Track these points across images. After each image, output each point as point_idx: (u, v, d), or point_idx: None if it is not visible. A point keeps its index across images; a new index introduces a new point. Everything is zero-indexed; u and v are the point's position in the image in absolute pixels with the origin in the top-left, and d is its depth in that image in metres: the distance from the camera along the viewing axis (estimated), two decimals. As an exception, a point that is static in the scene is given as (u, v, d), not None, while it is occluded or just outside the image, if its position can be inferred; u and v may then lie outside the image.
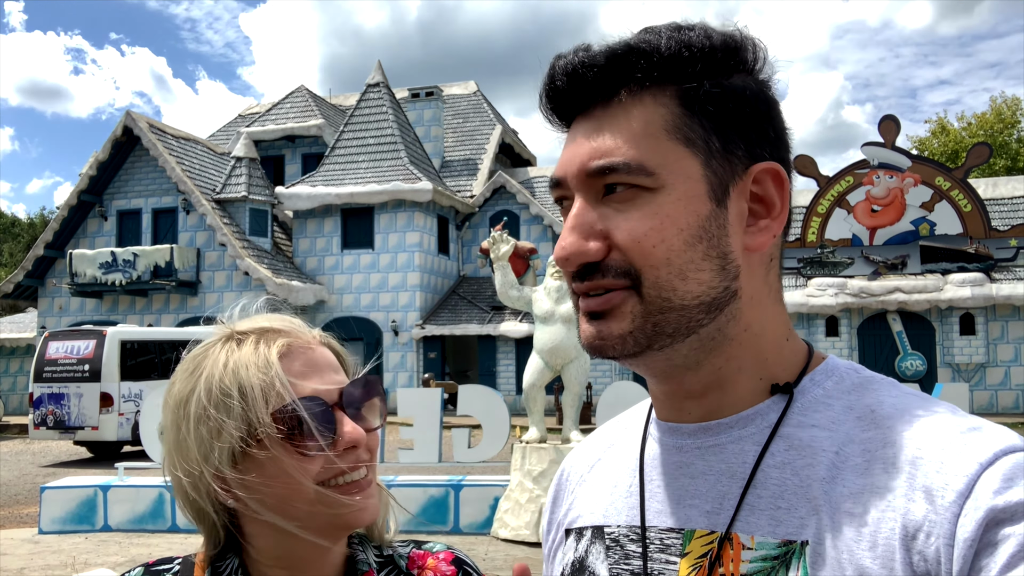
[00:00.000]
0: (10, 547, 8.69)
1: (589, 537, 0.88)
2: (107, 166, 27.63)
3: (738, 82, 0.78)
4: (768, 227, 0.79)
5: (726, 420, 0.80)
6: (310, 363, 0.94)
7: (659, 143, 0.76)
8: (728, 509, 0.77)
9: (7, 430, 24.27)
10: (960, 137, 42.36)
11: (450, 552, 1.08)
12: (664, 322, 0.76)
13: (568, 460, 1.01)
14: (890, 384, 0.79)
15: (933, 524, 0.66)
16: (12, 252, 54.96)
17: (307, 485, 0.90)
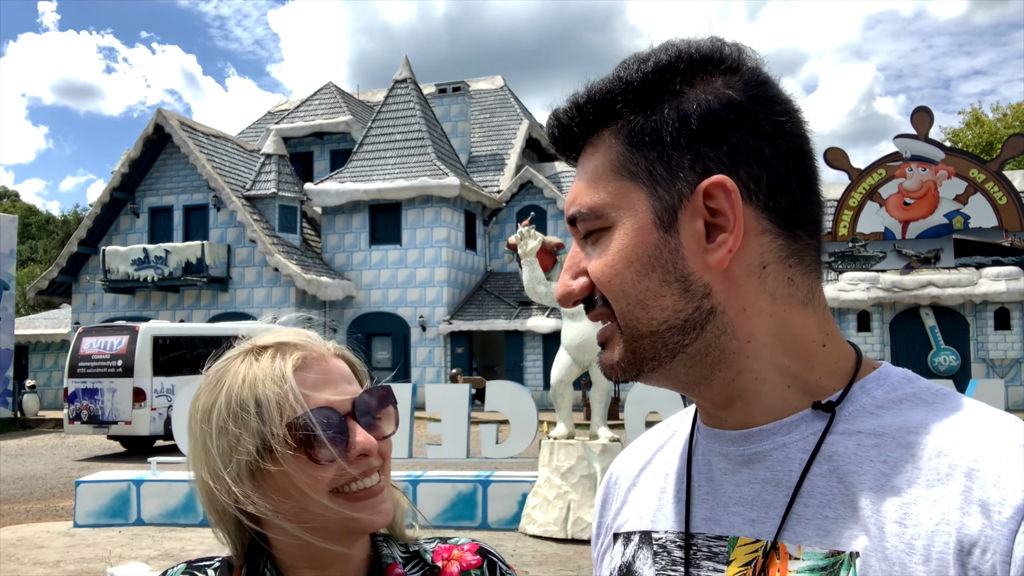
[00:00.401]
0: (47, 540, 8.84)
1: (637, 542, 0.88)
2: (139, 164, 27.98)
3: (685, 102, 0.77)
4: (724, 241, 0.76)
5: (768, 427, 0.79)
6: (324, 375, 0.98)
7: (608, 183, 0.80)
8: (773, 518, 0.76)
9: (43, 424, 24.70)
10: (995, 128, 41.65)
11: (475, 543, 1.12)
12: (641, 348, 0.80)
13: (617, 463, 1.01)
14: (945, 394, 0.77)
15: (989, 540, 0.64)
16: (47, 249, 55.87)
17: (320, 494, 0.95)
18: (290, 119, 33.01)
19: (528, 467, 9.86)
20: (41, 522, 10.17)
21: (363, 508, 0.96)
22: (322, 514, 0.95)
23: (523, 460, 9.65)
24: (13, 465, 15.98)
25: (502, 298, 27.52)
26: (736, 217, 0.76)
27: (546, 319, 25.37)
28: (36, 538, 8.94)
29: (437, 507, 9.03)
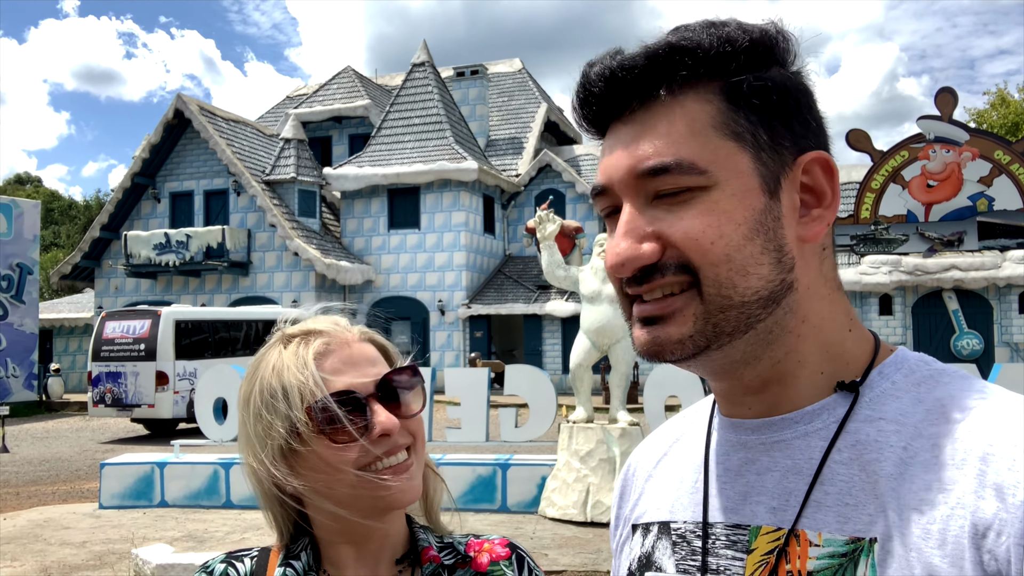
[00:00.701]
0: (73, 521, 8.98)
1: (656, 533, 0.88)
2: (159, 149, 28.13)
3: (776, 75, 0.78)
4: (821, 216, 0.79)
5: (791, 415, 0.79)
6: (347, 359, 1.03)
7: (708, 140, 0.75)
8: (794, 506, 0.76)
9: (67, 408, 25.04)
10: (1021, 109, 40.99)
11: (505, 538, 1.17)
12: (724, 320, 0.75)
13: (634, 456, 1.02)
14: (962, 377, 0.77)
15: (1004, 523, 0.64)
16: (69, 234, 56.41)
17: (347, 472, 1.00)
18: (308, 103, 33.05)
19: (547, 451, 9.88)
20: (67, 503, 10.33)
21: (390, 484, 1.01)
22: (351, 491, 1.01)
23: (542, 444, 9.67)
24: (39, 447, 16.22)
25: (521, 282, 27.52)
26: (834, 193, 0.79)
27: (565, 303, 25.35)
28: (62, 519, 9.08)
29: (457, 490, 9.07)
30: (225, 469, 9.56)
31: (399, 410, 1.03)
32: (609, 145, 0.80)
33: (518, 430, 9.39)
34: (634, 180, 0.76)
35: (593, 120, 0.82)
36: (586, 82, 0.80)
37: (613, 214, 0.80)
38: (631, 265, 0.75)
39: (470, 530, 1.21)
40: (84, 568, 7.05)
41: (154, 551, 6.63)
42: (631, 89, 0.77)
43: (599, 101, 0.80)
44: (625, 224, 0.76)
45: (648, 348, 0.78)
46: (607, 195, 0.79)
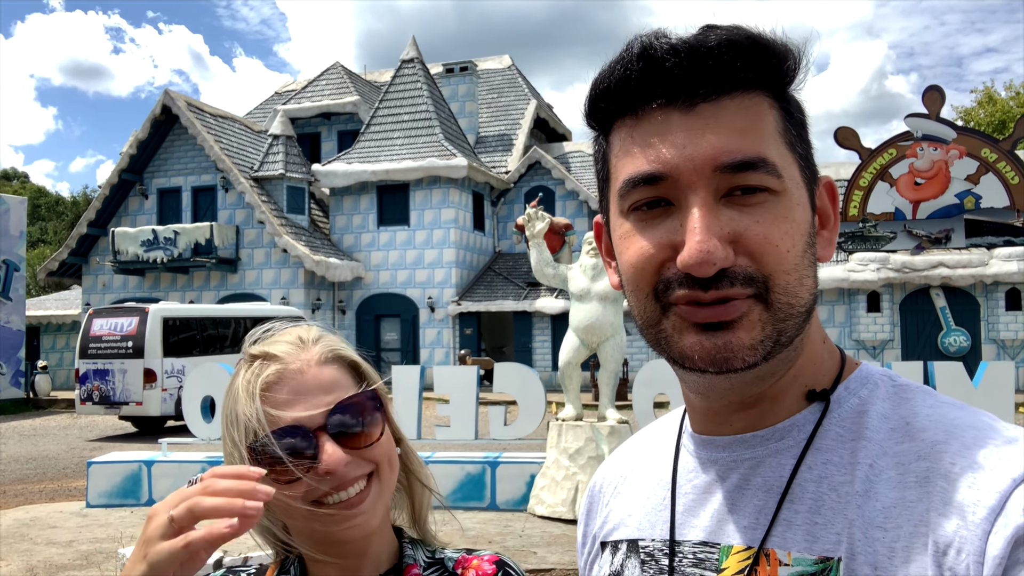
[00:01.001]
0: (60, 520, 8.92)
1: (624, 551, 0.87)
2: (147, 145, 27.98)
3: (797, 99, 0.79)
4: (831, 240, 0.80)
5: (762, 433, 0.79)
6: (298, 389, 0.98)
7: (778, 145, 0.74)
8: (764, 524, 0.75)
9: (55, 405, 24.90)
10: (1008, 107, 41.25)
11: (495, 555, 1.12)
12: (786, 330, 0.73)
13: (601, 472, 1.00)
14: (925, 392, 0.77)
15: (964, 540, 0.65)
16: (56, 230, 56.06)
17: (298, 507, 0.96)
18: (297, 100, 32.93)
19: (536, 448, 9.88)
20: (54, 502, 10.27)
21: (339, 520, 0.97)
22: (306, 524, 0.98)
23: (531, 441, 9.67)
24: (26, 445, 16.12)
25: (511, 279, 27.52)
26: (838, 218, 0.81)
27: (555, 300, 25.37)
28: (49, 518, 9.02)
29: (446, 488, 9.06)
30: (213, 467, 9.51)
31: (353, 440, 0.98)
32: (659, 132, 0.73)
33: (507, 428, 9.39)
34: (711, 172, 0.71)
35: (637, 98, 0.75)
36: (648, 54, 0.72)
37: (652, 206, 0.74)
38: (720, 265, 0.70)
39: (467, 542, 1.18)
40: (71, 567, 7.01)
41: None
42: (704, 75, 0.72)
43: (666, 79, 0.72)
44: (704, 219, 0.70)
45: (716, 354, 0.72)
46: (658, 185, 0.73)
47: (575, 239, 11.11)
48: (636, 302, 0.77)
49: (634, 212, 0.76)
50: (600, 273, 8.54)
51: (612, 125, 0.79)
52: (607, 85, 0.76)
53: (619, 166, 0.77)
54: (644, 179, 0.74)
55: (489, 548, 6.65)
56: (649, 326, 0.77)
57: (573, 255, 10.71)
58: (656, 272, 0.74)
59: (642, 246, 0.74)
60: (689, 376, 0.78)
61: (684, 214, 0.72)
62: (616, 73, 0.75)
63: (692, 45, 0.72)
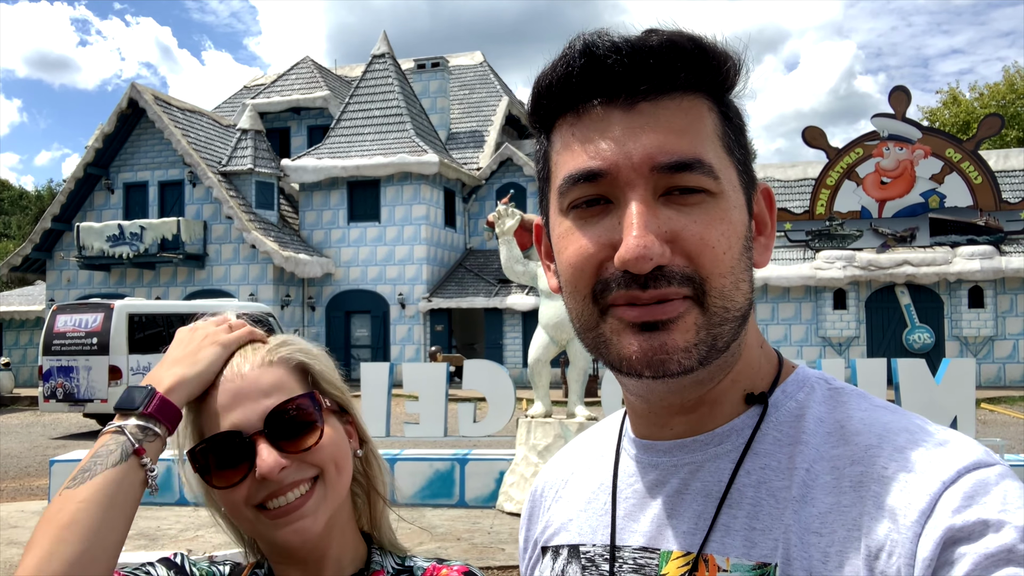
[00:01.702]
0: (20, 519, 8.78)
1: (566, 556, 0.87)
2: (113, 139, 27.58)
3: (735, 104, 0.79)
4: (767, 246, 0.80)
5: (701, 437, 0.79)
6: (237, 393, 0.97)
7: (715, 148, 0.74)
8: (704, 530, 0.75)
9: (17, 402, 24.47)
10: (972, 108, 41.90)
11: (465, 566, 1.10)
12: (721, 335, 0.73)
13: (542, 476, 1.00)
14: (860, 396, 0.78)
15: (895, 543, 0.65)
16: (20, 225, 55.08)
17: (242, 510, 0.97)
18: (267, 94, 32.63)
19: (506, 445, 9.89)
20: (15, 501, 10.10)
21: (279, 525, 0.96)
22: (251, 528, 0.98)
23: (501, 438, 9.68)
24: (-13, 444, 15.84)
25: (481, 276, 27.50)
26: (774, 225, 0.81)
27: (525, 297, 25.40)
28: (10, 517, 8.87)
29: (415, 485, 9.04)
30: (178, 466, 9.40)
31: (293, 444, 0.97)
32: (599, 129, 0.73)
33: (477, 425, 9.38)
34: (648, 171, 0.71)
35: (578, 95, 0.74)
36: (592, 52, 0.72)
37: (591, 204, 0.74)
38: (656, 262, 0.69)
39: (435, 539, 1.16)
40: (32, 568, 6.90)
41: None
42: (645, 74, 0.72)
43: (607, 77, 0.72)
44: (642, 216, 0.70)
45: (651, 356, 0.71)
46: (597, 182, 0.73)
47: (545, 236, 11.08)
48: (574, 304, 0.76)
49: (573, 210, 0.75)
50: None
51: (554, 124, 0.78)
52: (549, 82, 0.76)
53: (559, 163, 0.77)
54: (584, 176, 0.73)
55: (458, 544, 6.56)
56: (587, 330, 0.76)
57: (543, 252, 10.70)
58: (595, 273, 0.73)
59: (581, 244, 0.74)
60: (629, 380, 0.77)
61: (622, 212, 0.72)
62: (558, 70, 0.75)
63: (634, 44, 0.72)
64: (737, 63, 0.75)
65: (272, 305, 25.15)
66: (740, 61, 0.75)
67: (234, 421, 0.96)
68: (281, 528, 0.96)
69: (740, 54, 0.75)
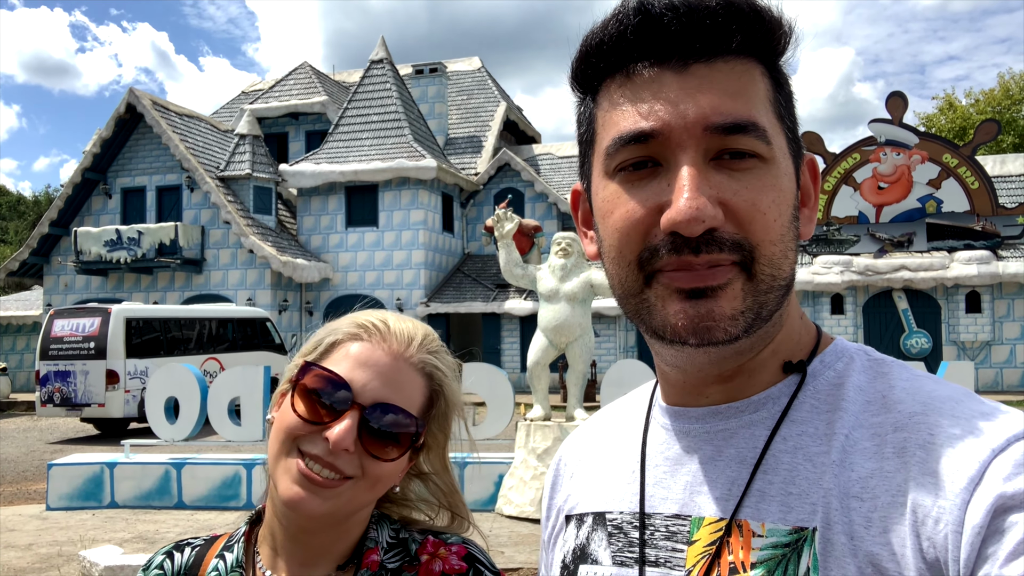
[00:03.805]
0: (18, 523, 8.75)
1: (590, 524, 0.86)
2: (111, 144, 27.56)
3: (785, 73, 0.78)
4: (811, 218, 0.79)
5: (736, 404, 0.78)
6: (381, 367, 0.98)
7: (768, 113, 0.73)
8: (738, 495, 0.74)
9: (15, 407, 24.41)
10: (968, 114, 42.02)
11: (464, 547, 1.06)
12: (766, 303, 0.72)
13: (566, 445, 0.99)
14: (901, 366, 0.77)
15: (943, 510, 0.64)
16: (18, 230, 55.02)
17: (281, 437, 0.96)
18: (265, 99, 32.64)
19: (505, 448, 9.88)
20: (13, 505, 10.07)
21: (294, 482, 0.94)
22: (275, 464, 0.96)
23: (500, 442, 9.67)
24: (-16, 448, 15.79)
25: (479, 280, 27.49)
26: (817, 197, 0.80)
27: (523, 302, 25.39)
28: (8, 521, 8.85)
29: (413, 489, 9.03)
30: (177, 469, 9.40)
31: (370, 445, 0.95)
32: (651, 89, 0.71)
33: (475, 428, 9.37)
34: (702, 132, 0.69)
35: (629, 56, 0.72)
36: (646, 9, 0.70)
37: (639, 167, 0.72)
38: (709, 223, 0.68)
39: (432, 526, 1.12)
40: (30, 571, 6.88)
41: (103, 553, 6.49)
42: (700, 35, 0.70)
43: (657, 35, 0.71)
44: (694, 179, 0.68)
45: (697, 323, 0.70)
46: (648, 144, 0.71)
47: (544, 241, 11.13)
48: (617, 270, 0.75)
49: (620, 173, 0.74)
50: (568, 274, 8.56)
51: (600, 86, 0.77)
52: (600, 40, 0.74)
53: (607, 124, 0.75)
54: (634, 137, 0.72)
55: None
56: (630, 295, 0.75)
57: (542, 256, 10.74)
58: (642, 238, 0.72)
59: (629, 208, 0.72)
60: (667, 350, 0.76)
61: (673, 174, 0.70)
62: (611, 28, 0.73)
63: (691, 4, 0.70)
64: (789, 29, 0.74)
65: (270, 310, 25.13)
66: (792, 28, 0.75)
67: (353, 378, 0.96)
68: (293, 487, 0.94)
69: (792, 21, 0.75)
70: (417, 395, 0.99)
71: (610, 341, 24.87)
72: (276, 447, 0.96)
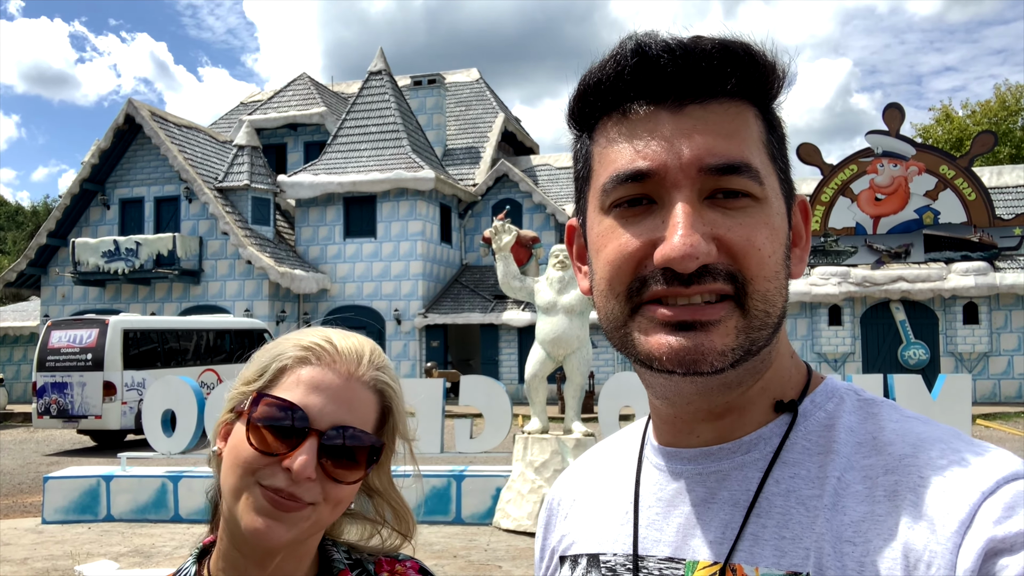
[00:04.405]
0: (13, 537, 8.71)
1: (585, 565, 0.85)
2: (109, 154, 27.58)
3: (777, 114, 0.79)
4: (802, 258, 0.80)
5: (728, 445, 0.78)
6: (333, 389, 0.97)
7: (761, 155, 0.75)
8: (731, 539, 0.74)
9: (11, 419, 24.34)
10: (964, 125, 42.16)
11: (416, 562, 1.09)
12: (758, 339, 0.73)
13: (560, 484, 0.99)
14: (891, 407, 0.78)
15: (934, 554, 0.64)
16: (16, 240, 54.98)
17: (242, 465, 0.93)
18: (263, 110, 32.70)
19: (502, 461, 9.85)
20: (8, 519, 10.02)
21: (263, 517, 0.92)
22: (233, 499, 0.94)
23: (497, 454, 9.64)
24: (-20, 460, 15.73)
25: (477, 292, 27.48)
26: (808, 238, 0.81)
27: (521, 313, 25.38)
28: (3, 535, 8.80)
29: (410, 502, 8.98)
30: (173, 482, 9.36)
31: (332, 466, 0.94)
32: (647, 130, 0.73)
33: (473, 441, 9.35)
34: (696, 172, 0.71)
35: (626, 96, 0.74)
36: (643, 51, 0.72)
37: (634, 204, 0.74)
38: (702, 260, 0.69)
39: (432, 556, 1.14)
40: (25, 586, 6.84)
41: (98, 567, 6.46)
42: (696, 77, 0.72)
43: (654, 77, 0.73)
44: (688, 216, 0.70)
45: (684, 355, 0.71)
46: (644, 182, 0.73)
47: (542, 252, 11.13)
48: (605, 302, 0.76)
49: (615, 209, 0.75)
50: (566, 286, 8.56)
51: (596, 124, 0.79)
52: (597, 80, 0.76)
53: (604, 162, 0.76)
54: (631, 175, 0.73)
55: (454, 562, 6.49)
56: (616, 328, 0.76)
57: (540, 268, 10.73)
58: (633, 271, 0.73)
59: (622, 241, 0.73)
60: (656, 379, 0.76)
61: (667, 211, 0.72)
62: (608, 69, 0.75)
63: (687, 47, 0.72)
64: (783, 73, 0.76)
65: (267, 321, 25.10)
66: (786, 72, 0.76)
67: (308, 404, 0.94)
68: (257, 516, 0.92)
69: (786, 66, 0.76)
70: (371, 413, 1.00)
71: (608, 353, 24.85)
72: (234, 482, 0.94)
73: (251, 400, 0.96)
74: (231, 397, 1.01)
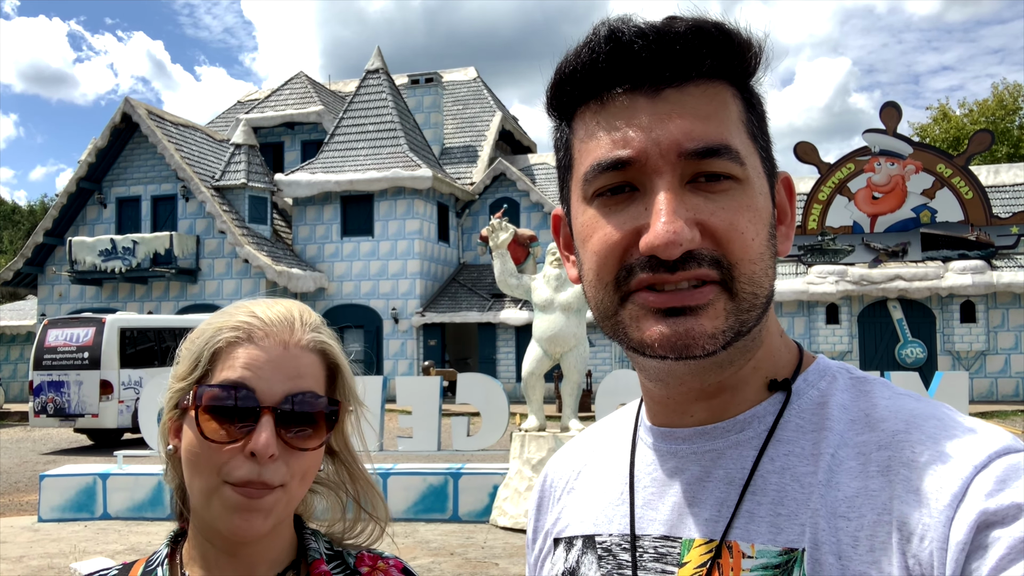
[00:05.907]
0: (10, 535, 8.70)
1: (580, 547, 0.86)
2: (106, 153, 27.55)
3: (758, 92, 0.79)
4: (787, 235, 0.80)
5: (723, 424, 0.78)
6: (274, 361, 0.93)
7: (740, 134, 0.74)
8: (727, 517, 0.75)
9: (7, 418, 24.31)
10: (962, 124, 42.21)
11: (399, 561, 1.08)
12: (747, 320, 0.73)
13: (551, 466, 0.98)
14: (883, 384, 0.78)
15: (927, 527, 0.65)
16: (12, 239, 54.92)
17: (204, 463, 0.91)
18: (260, 109, 32.66)
19: (499, 459, 9.85)
20: (5, 517, 10.01)
21: (238, 513, 0.90)
22: (204, 499, 0.92)
23: (494, 452, 9.64)
24: (-24, 459, 15.71)
25: (475, 290, 27.48)
26: (794, 214, 0.81)
27: (519, 311, 25.38)
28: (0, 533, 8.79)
29: (408, 500, 9.00)
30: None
31: (295, 439, 0.93)
32: (625, 116, 0.73)
33: (470, 439, 9.35)
34: (676, 157, 0.71)
35: (602, 83, 0.74)
36: (616, 37, 0.72)
37: (616, 192, 0.73)
38: (686, 247, 0.69)
39: (429, 553, 1.13)
40: (21, 584, 6.83)
41: (94, 565, 6.45)
42: (671, 60, 0.71)
43: (632, 63, 0.72)
44: (670, 203, 0.70)
45: (675, 341, 0.71)
46: (625, 170, 0.72)
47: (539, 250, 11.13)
48: (595, 292, 0.76)
49: (598, 198, 0.75)
50: (563, 284, 8.56)
51: (575, 112, 0.78)
52: (573, 68, 0.75)
53: (584, 151, 0.76)
54: (611, 164, 0.73)
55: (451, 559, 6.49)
56: (606, 317, 0.76)
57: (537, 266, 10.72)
58: (619, 260, 0.73)
59: (607, 232, 0.73)
60: (648, 363, 0.76)
61: (650, 199, 0.71)
62: (583, 56, 0.74)
63: (660, 30, 0.72)
64: (759, 50, 0.76)
65: (265, 320, 25.06)
66: (761, 48, 0.76)
67: (254, 384, 0.91)
68: (232, 515, 0.90)
69: (762, 41, 0.76)
70: (318, 376, 0.97)
71: (605, 351, 24.86)
72: (201, 484, 0.92)
73: (193, 394, 0.93)
74: (170, 396, 0.97)
